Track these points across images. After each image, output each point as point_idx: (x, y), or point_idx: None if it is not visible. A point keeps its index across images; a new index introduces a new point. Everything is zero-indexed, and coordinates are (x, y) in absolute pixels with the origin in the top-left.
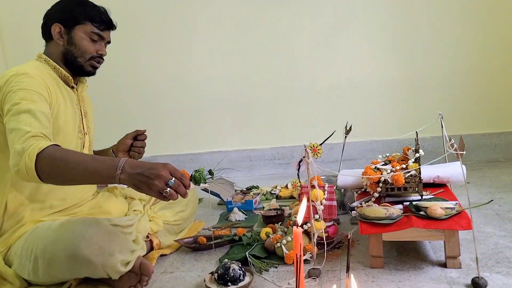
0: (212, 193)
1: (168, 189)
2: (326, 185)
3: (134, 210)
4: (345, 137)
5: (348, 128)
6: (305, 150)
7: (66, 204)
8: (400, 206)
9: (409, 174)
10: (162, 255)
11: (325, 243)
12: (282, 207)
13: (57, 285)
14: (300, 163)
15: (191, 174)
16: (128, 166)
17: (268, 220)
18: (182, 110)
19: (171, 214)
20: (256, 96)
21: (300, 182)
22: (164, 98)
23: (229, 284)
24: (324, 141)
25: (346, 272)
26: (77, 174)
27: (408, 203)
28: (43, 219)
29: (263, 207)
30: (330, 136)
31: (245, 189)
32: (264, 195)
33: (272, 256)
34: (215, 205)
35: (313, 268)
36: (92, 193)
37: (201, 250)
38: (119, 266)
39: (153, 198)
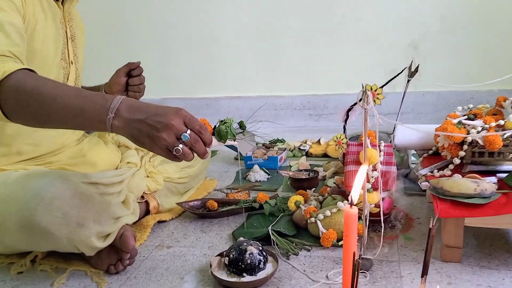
0: (228, 145)
1: (181, 145)
2: (382, 144)
3: (128, 163)
4: (408, 81)
5: (413, 69)
6: (364, 91)
7: (40, 151)
8: (493, 179)
9: (509, 134)
10: (160, 222)
11: (382, 222)
12: (315, 168)
13: (20, 255)
14: (350, 112)
15: (215, 126)
16: (126, 108)
17: (298, 184)
18: (197, 45)
19: (175, 170)
20: (285, 33)
21: (346, 137)
22: (177, 30)
23: (244, 274)
24: (386, 83)
25: (423, 276)
26: (52, 113)
27: (504, 174)
28: (6, 168)
29: (290, 166)
30: (395, 77)
31: (268, 143)
32: (291, 151)
33: (303, 233)
34: (231, 160)
35: (363, 258)
36: (77, 138)
37: (211, 218)
38: (94, 241)
39: None
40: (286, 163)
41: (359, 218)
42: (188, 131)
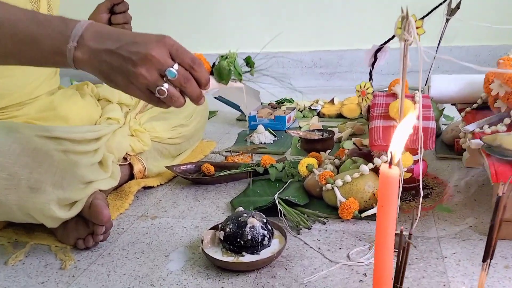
0: (228, 103)
1: (166, 85)
2: (418, 95)
3: (108, 118)
4: (447, 20)
5: (454, 6)
6: (405, 17)
7: (3, 102)
8: None
9: None
10: (146, 188)
11: (421, 189)
12: (328, 128)
13: None
14: (378, 53)
15: (213, 64)
16: (92, 35)
17: (310, 145)
18: None
19: (165, 128)
20: None
21: (372, 86)
22: None
23: (244, 252)
24: (427, 15)
25: (485, 260)
26: None
27: None
28: None
29: (300, 127)
30: (434, 9)
31: (274, 103)
32: (301, 112)
33: (316, 203)
34: (232, 121)
35: (396, 234)
36: (50, 89)
37: (206, 184)
38: (54, 209)
39: (142, 103)
40: (295, 124)
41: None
42: (176, 66)
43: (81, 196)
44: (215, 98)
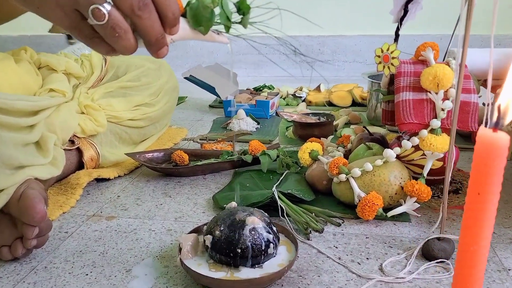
0: (201, 84)
1: (107, 5)
2: (454, 62)
3: (51, 90)
4: None
5: None
6: None
7: None
8: None
9: None
10: (99, 180)
11: (457, 187)
12: (328, 112)
13: None
14: (410, 4)
15: (188, 2)
16: None
17: (306, 131)
18: None
19: (125, 107)
20: None
21: (397, 49)
22: None
23: (241, 264)
24: None
25: None
26: None
27: None
28: None
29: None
30: None
31: (252, 89)
32: (284, 99)
33: (323, 199)
34: (205, 108)
35: (438, 239)
36: None
37: (178, 176)
38: None
39: (96, 75)
40: (281, 111)
41: (418, 177)
42: None
43: (7, 184)
44: (185, 78)
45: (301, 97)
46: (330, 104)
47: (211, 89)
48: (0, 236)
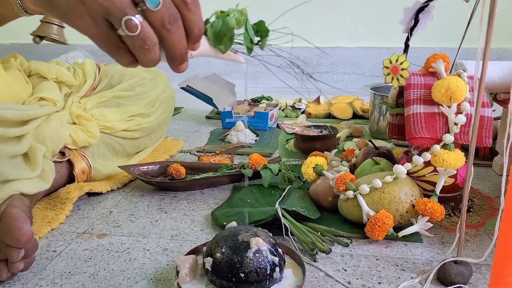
0: (198, 95)
1: (139, 16)
2: (465, 75)
3: (41, 99)
4: None
5: None
6: None
7: None
8: None
9: None
10: (90, 194)
11: (467, 205)
12: (330, 125)
13: None
14: (420, 14)
15: (207, 20)
16: None
17: (308, 144)
18: None
19: (119, 117)
20: None
21: (407, 60)
22: None
23: None
24: None
25: None
26: None
27: None
28: None
29: None
30: None
31: (250, 100)
32: (283, 111)
33: (327, 217)
34: (200, 118)
35: (455, 262)
36: None
37: (175, 191)
38: None
39: (89, 84)
40: (282, 123)
41: (429, 194)
42: None
43: None
44: (181, 88)
45: (300, 108)
46: (331, 116)
47: (208, 100)
48: None
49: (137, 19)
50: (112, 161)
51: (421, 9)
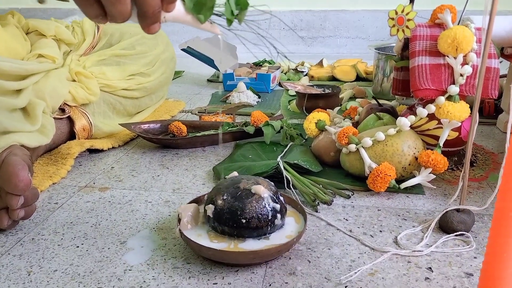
0: (199, 56)
1: None
2: (472, 26)
3: (40, 56)
4: None
5: None
6: None
7: None
8: None
9: None
10: (92, 151)
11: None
12: (333, 84)
13: None
14: None
15: None
16: None
17: (311, 103)
18: None
19: (119, 76)
20: None
21: (413, 10)
22: None
23: (248, 234)
24: None
25: None
26: None
27: None
28: None
29: (288, 90)
30: None
31: (252, 64)
32: (285, 74)
33: (330, 171)
34: (202, 82)
35: (457, 210)
36: None
37: (176, 148)
38: None
39: (88, 42)
40: (285, 82)
41: (432, 148)
42: None
43: None
44: (182, 50)
45: (303, 71)
46: (334, 79)
47: (209, 62)
48: None
49: None
50: (113, 119)
51: None
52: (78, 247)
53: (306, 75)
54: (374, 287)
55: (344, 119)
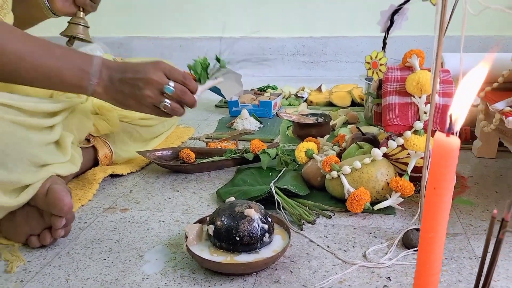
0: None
1: (167, 100)
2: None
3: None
4: None
5: None
6: None
7: None
8: None
9: None
10: (113, 176)
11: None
12: (324, 113)
13: None
14: (395, 15)
15: (191, 71)
16: (106, 72)
17: (304, 131)
18: None
19: None
20: None
21: (384, 56)
22: None
23: (241, 249)
24: None
25: None
26: (20, 74)
27: None
28: None
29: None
30: None
31: (256, 89)
32: (287, 99)
33: (317, 194)
34: (211, 108)
35: (416, 229)
36: None
37: (186, 173)
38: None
39: None
40: (281, 112)
41: (404, 172)
42: (172, 83)
43: (33, 180)
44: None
45: (303, 97)
46: (331, 104)
47: (217, 90)
48: (29, 226)
49: (167, 102)
50: (131, 146)
51: (396, 11)
52: (105, 259)
53: (305, 100)
54: None
55: (332, 146)
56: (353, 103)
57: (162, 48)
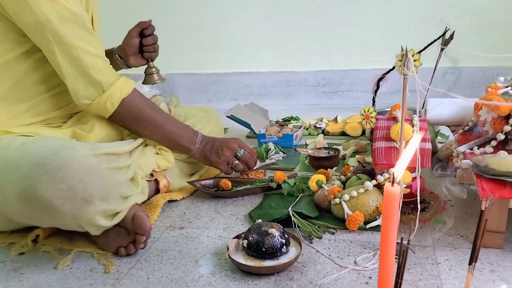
0: (239, 121)
1: (237, 161)
2: (415, 118)
3: (132, 133)
4: (442, 49)
5: (448, 37)
6: (404, 54)
7: (56, 112)
8: None
9: None
10: (170, 201)
11: (418, 203)
12: (334, 146)
13: (21, 235)
14: (380, 82)
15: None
16: (203, 141)
17: (318, 162)
18: (205, 15)
19: None
20: (298, 4)
21: (374, 111)
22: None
23: (265, 257)
24: (424, 49)
25: (470, 264)
26: (157, 135)
27: None
28: (15, 131)
29: (306, 145)
30: (430, 44)
31: (281, 120)
32: (307, 129)
33: (325, 215)
34: (242, 137)
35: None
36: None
37: (224, 198)
38: (100, 219)
39: None
40: (302, 141)
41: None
42: (242, 151)
43: (122, 208)
44: (227, 116)
45: (321, 127)
46: (344, 134)
47: (247, 125)
48: (118, 240)
49: (237, 162)
50: (182, 179)
51: (380, 79)
52: (171, 264)
53: (323, 131)
54: (335, 287)
55: (340, 176)
56: (364, 132)
57: (200, 82)
